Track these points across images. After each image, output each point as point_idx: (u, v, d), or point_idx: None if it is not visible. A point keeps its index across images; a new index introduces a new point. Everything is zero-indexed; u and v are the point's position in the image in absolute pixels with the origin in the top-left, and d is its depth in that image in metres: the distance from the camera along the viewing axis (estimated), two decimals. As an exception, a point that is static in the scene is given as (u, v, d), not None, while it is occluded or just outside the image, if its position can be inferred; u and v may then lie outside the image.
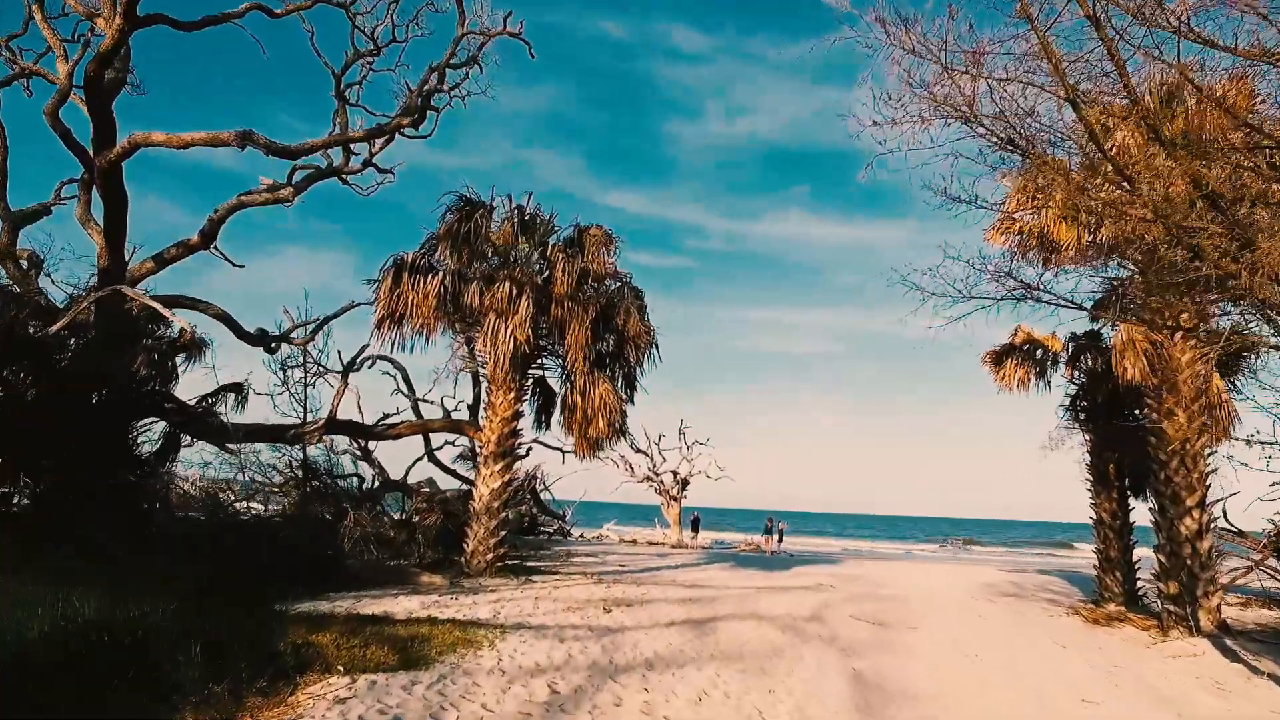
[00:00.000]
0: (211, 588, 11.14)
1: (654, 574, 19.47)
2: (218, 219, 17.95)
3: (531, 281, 15.01)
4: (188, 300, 19.40)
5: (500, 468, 15.96)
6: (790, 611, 13.52)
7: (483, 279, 14.88)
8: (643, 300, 16.31)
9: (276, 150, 14.70)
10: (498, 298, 14.42)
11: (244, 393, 20.54)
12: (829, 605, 14.70)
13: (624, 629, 11.13)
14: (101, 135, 15.28)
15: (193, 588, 10.82)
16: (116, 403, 15.18)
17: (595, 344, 15.53)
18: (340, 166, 19.65)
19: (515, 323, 14.21)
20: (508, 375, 14.99)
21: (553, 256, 15.29)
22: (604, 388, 15.34)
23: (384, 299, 14.89)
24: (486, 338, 14.32)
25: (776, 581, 19.27)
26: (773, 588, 17.44)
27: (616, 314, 15.82)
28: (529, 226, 16.01)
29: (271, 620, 9.28)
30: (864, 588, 18.81)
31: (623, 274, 16.36)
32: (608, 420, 15.28)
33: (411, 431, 19.19)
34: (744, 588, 17.02)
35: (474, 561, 15.66)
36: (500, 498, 15.87)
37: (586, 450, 16.17)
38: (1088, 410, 17.19)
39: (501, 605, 12.09)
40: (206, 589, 11.01)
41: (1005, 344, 18.82)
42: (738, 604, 14.08)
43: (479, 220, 15.38)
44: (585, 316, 14.87)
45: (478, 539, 15.74)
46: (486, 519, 15.74)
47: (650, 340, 16.17)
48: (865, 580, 20.61)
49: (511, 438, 16.24)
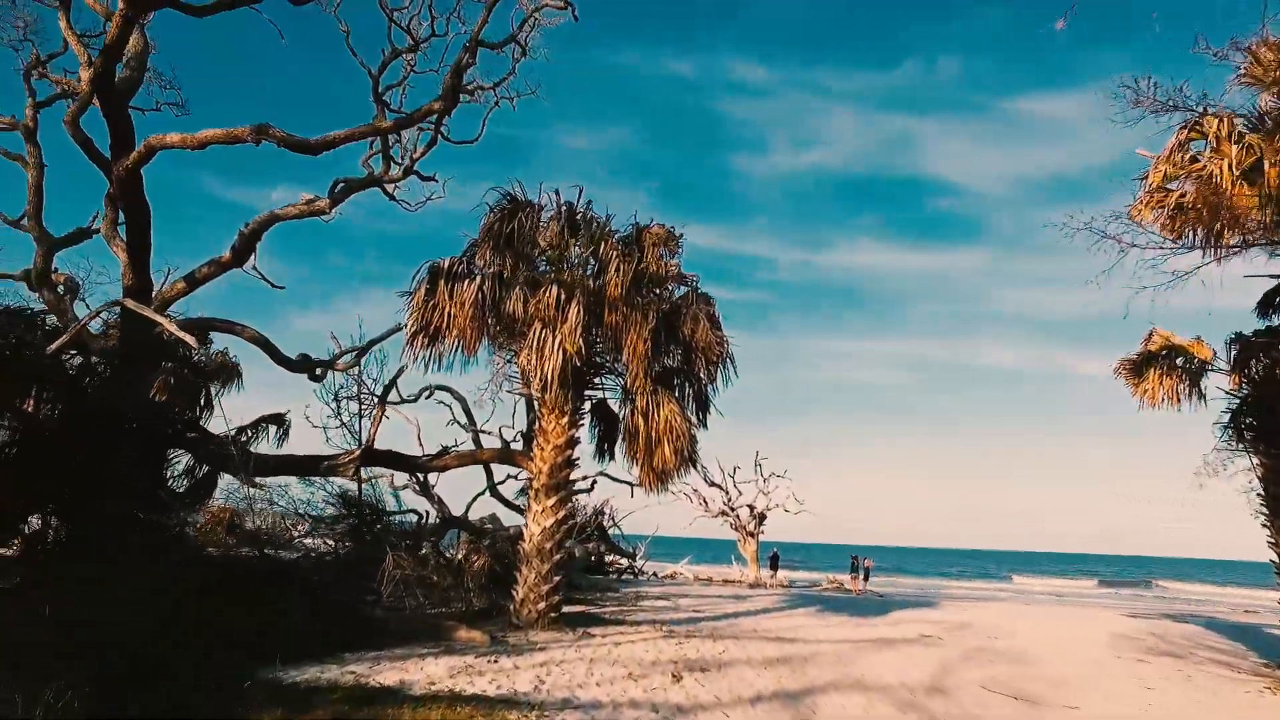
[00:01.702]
0: (197, 644, 9.34)
1: (732, 623, 17.01)
2: (249, 233, 16.60)
3: (582, 284, 12.94)
4: (221, 323, 18.09)
5: (553, 503, 13.84)
6: (903, 679, 10.93)
7: (527, 284, 12.89)
8: (712, 305, 14.05)
9: (293, 144, 13.17)
10: (543, 304, 12.39)
11: (285, 424, 19.11)
12: (948, 668, 12.02)
13: (698, 707, 8.79)
14: (118, 141, 14.04)
15: (170, 645, 9.05)
16: (129, 434, 13.79)
17: (658, 357, 13.33)
18: (381, 175, 18.18)
19: (564, 332, 12.14)
20: (559, 396, 12.92)
21: (605, 255, 13.19)
22: (670, 408, 13.11)
23: (417, 311, 13.04)
24: (531, 351, 12.27)
25: (874, 632, 16.58)
26: (872, 641, 14.80)
27: (682, 321, 13.60)
28: (580, 226, 14.03)
29: (241, 698, 7.30)
30: (978, 639, 15.97)
31: (688, 276, 14.19)
32: (674, 447, 13.02)
33: (459, 463, 17.32)
34: (839, 642, 14.43)
35: (523, 611, 13.53)
36: (553, 537, 13.73)
37: (652, 482, 13.89)
38: (1257, 428, 14.17)
39: (548, 671, 9.86)
40: (188, 646, 9.21)
41: (1141, 352, 15.94)
42: (836, 667, 11.54)
43: (523, 220, 13.48)
44: (644, 323, 12.67)
45: (527, 585, 13.61)
46: (538, 562, 13.62)
47: (723, 352, 13.87)
48: (976, 630, 17.69)
49: (566, 468, 14.12)
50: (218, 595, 11.58)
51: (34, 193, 17.90)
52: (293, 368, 19.72)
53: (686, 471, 13.68)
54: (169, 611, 10.69)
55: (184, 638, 9.48)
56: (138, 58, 13.73)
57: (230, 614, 11.10)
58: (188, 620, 10.39)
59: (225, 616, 10.89)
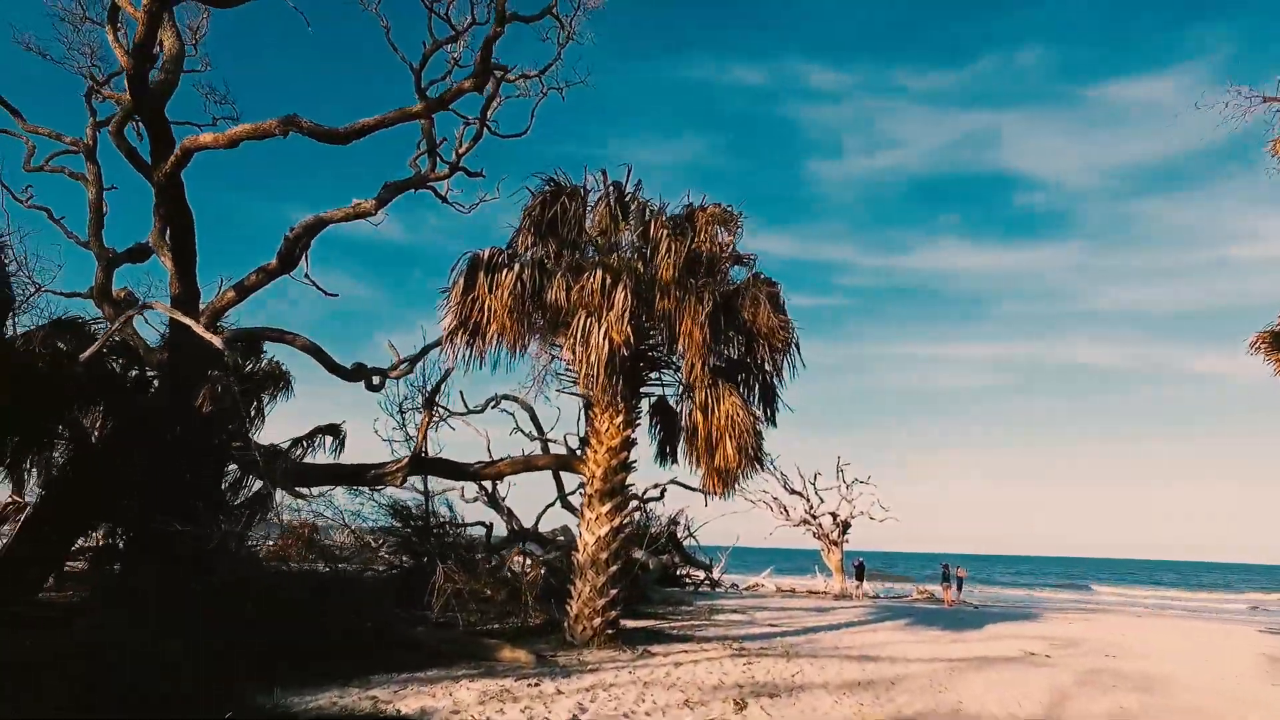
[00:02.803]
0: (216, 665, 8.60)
1: (811, 638, 15.58)
2: (293, 238, 16.11)
3: (629, 268, 11.82)
4: (272, 332, 17.72)
5: (608, 509, 12.73)
6: (1010, 709, 9.34)
7: (570, 270, 11.83)
8: (775, 287, 12.70)
9: (321, 134, 12.52)
10: (588, 290, 11.29)
11: (340, 435, 18.61)
12: (1063, 695, 10.35)
13: (763, 743, 7.52)
14: (158, 147, 13.72)
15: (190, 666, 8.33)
16: (169, 446, 13.38)
17: (716, 346, 12.07)
18: (427, 174, 17.54)
19: (610, 319, 11.03)
20: (610, 393, 11.80)
21: (655, 235, 12.04)
22: (731, 401, 11.84)
23: (455, 305, 12.16)
24: (576, 342, 11.22)
25: (971, 649, 14.88)
26: (969, 660, 13.16)
27: (741, 305, 12.32)
28: (629, 208, 12.96)
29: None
30: (1094, 658, 14.11)
31: (746, 256, 12.94)
32: (738, 444, 11.74)
33: (512, 470, 16.42)
34: (931, 661, 12.86)
35: (577, 628, 12.45)
36: (608, 547, 12.62)
37: (716, 484, 12.59)
38: None
39: (593, 697, 8.71)
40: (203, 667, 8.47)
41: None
42: (928, 693, 10.01)
43: (565, 203, 12.50)
44: (700, 308, 11.44)
45: (582, 600, 12.53)
46: (592, 574, 12.52)
47: (788, 338, 12.50)
48: (1091, 648, 15.76)
49: (621, 472, 13.00)
50: (251, 611, 10.92)
51: (94, 210, 17.96)
52: (347, 376, 19.26)
53: (753, 471, 12.36)
54: (197, 630, 10.07)
55: (202, 658, 8.78)
56: (173, 60, 13.39)
57: (262, 630, 10.41)
58: (215, 639, 9.72)
59: (256, 633, 10.20)
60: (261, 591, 11.89)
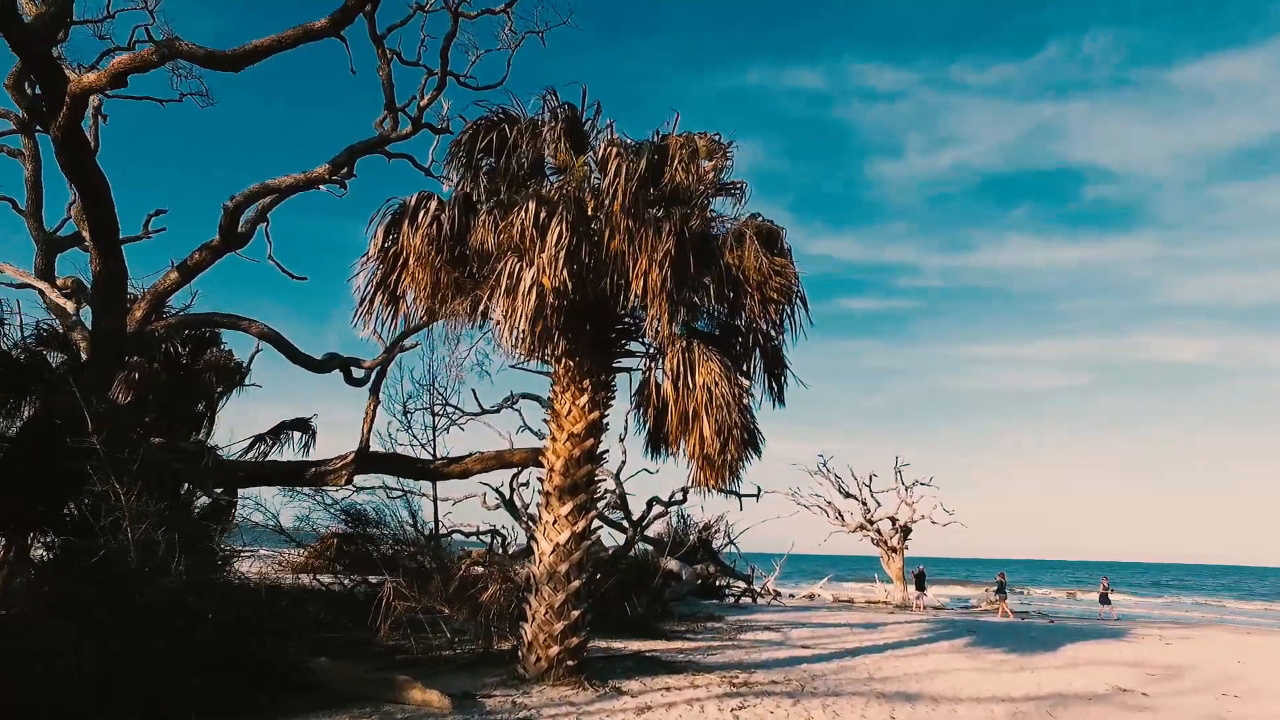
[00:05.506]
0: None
1: (844, 665, 12.78)
2: (233, 208, 14.13)
3: (572, 201, 9.22)
4: (224, 318, 15.80)
5: (568, 511, 10.15)
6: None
7: (499, 207, 9.32)
8: (770, 224, 9.93)
9: (204, 58, 10.28)
10: (516, 226, 8.79)
11: (310, 430, 16.52)
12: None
13: None
14: (50, 99, 11.77)
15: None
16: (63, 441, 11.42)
17: (684, 292, 9.23)
18: (389, 133, 15.38)
19: (543, 261, 8.49)
20: (545, 356, 9.30)
21: (605, 156, 9.43)
22: (708, 368, 9.13)
23: (373, 261, 9.83)
24: (500, 294, 8.73)
25: (1041, 681, 11.89)
26: (1038, 700, 10.22)
27: (722, 245, 9.65)
28: (587, 138, 10.44)
29: None
30: (1208, 698, 10.99)
31: (733, 184, 10.19)
32: (716, 424, 9.02)
33: (481, 466, 14.01)
34: (988, 701, 9.96)
35: (530, 658, 9.89)
36: (569, 558, 10.03)
37: (709, 475, 9.84)
38: None
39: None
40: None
41: None
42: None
43: (506, 130, 10.06)
44: (659, 242, 8.78)
45: (537, 622, 9.97)
46: (549, 590, 9.95)
47: (787, 289, 9.64)
48: (1200, 680, 12.58)
49: (587, 463, 10.39)
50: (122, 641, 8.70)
51: (31, 189, 16.38)
52: (317, 368, 17.25)
53: (745, 459, 9.63)
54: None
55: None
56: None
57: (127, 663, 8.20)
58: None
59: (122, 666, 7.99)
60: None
